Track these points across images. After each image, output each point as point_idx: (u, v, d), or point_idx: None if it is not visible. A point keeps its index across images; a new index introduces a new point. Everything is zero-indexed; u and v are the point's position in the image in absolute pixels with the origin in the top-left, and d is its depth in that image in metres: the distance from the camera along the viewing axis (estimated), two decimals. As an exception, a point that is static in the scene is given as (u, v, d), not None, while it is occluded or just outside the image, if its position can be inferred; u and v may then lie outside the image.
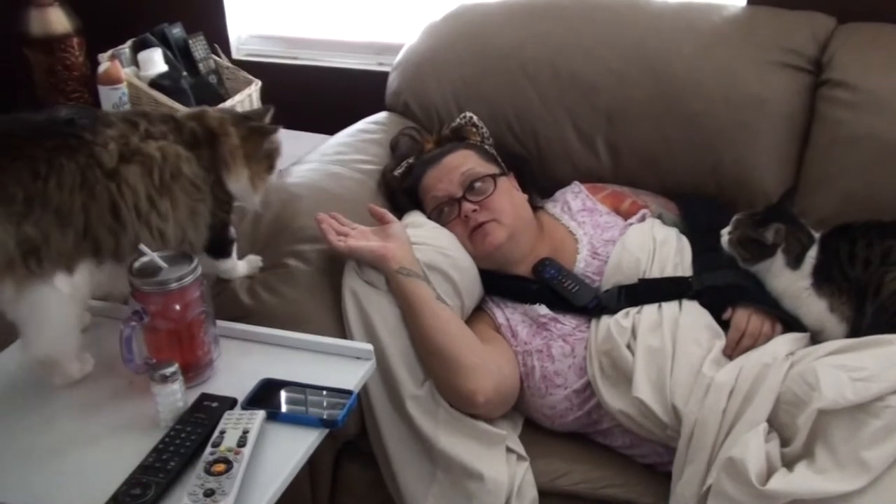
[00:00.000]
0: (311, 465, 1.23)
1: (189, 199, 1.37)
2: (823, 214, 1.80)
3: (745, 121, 1.90)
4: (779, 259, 1.63)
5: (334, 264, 1.65)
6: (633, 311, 1.63)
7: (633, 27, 2.04)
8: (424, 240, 1.71)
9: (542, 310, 1.69)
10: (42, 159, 1.22)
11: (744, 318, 1.58)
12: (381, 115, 2.22)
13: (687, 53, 1.96)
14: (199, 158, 1.39)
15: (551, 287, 1.71)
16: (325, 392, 1.29)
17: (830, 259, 1.60)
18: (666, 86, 1.95)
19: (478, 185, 1.79)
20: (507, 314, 1.73)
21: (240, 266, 1.62)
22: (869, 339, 1.45)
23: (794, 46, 1.94)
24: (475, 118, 2.01)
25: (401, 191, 1.91)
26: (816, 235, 1.65)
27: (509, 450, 1.57)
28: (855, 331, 1.56)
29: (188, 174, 1.37)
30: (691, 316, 1.61)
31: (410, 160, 1.94)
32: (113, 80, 2.09)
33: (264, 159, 1.49)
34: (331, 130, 2.16)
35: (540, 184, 2.01)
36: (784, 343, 1.53)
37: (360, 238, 1.63)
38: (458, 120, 2.02)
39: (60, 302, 1.26)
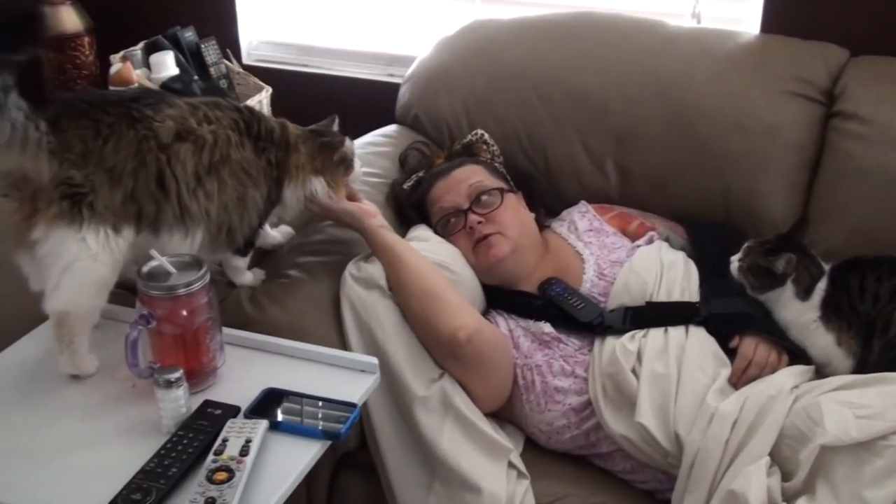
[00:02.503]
0: (309, 477, 1.22)
1: (237, 184, 1.44)
2: (831, 245, 1.79)
3: (756, 148, 1.90)
4: (788, 289, 1.62)
5: (336, 277, 1.65)
6: (638, 334, 1.62)
7: (646, 50, 2.04)
8: (428, 253, 1.70)
9: (546, 327, 1.68)
10: (106, 123, 1.31)
11: (751, 347, 1.57)
12: (391, 128, 2.22)
13: (700, 79, 1.96)
14: (263, 151, 1.49)
15: (556, 304, 1.70)
16: (328, 404, 1.28)
17: (840, 292, 1.60)
18: (678, 110, 1.95)
19: (485, 197, 1.79)
20: (511, 325, 1.72)
21: (248, 274, 1.62)
22: (875, 375, 1.44)
23: (806, 76, 1.94)
24: (486, 136, 2.01)
25: (409, 204, 1.90)
26: (826, 267, 1.64)
27: (511, 465, 1.56)
28: (861, 366, 1.55)
29: (237, 159, 1.44)
30: (698, 343, 1.60)
31: (420, 174, 1.94)
32: (124, 82, 2.09)
33: (339, 165, 1.62)
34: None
35: (547, 202, 2.01)
36: (789, 375, 1.52)
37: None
38: (469, 136, 2.02)
39: (84, 255, 1.29)
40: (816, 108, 1.93)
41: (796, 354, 1.59)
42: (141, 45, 2.26)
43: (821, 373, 1.57)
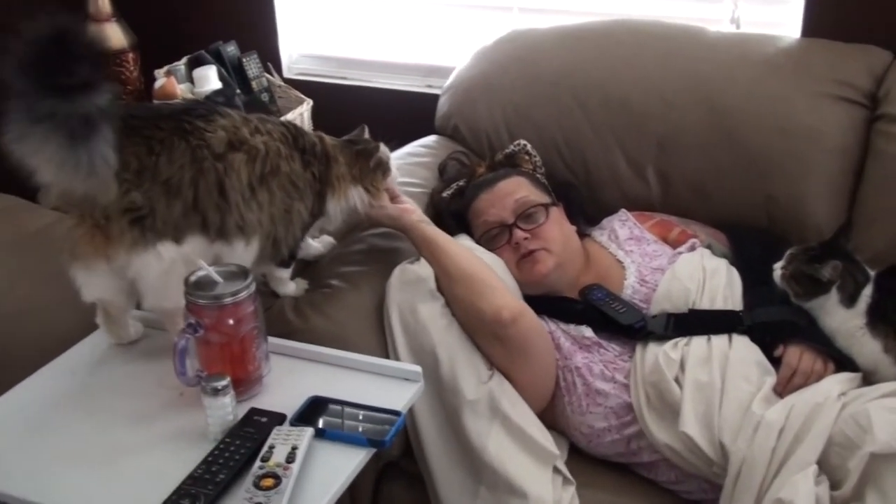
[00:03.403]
0: (352, 486, 1.23)
1: (285, 196, 1.46)
2: (876, 251, 1.78)
3: (799, 153, 1.89)
4: (833, 296, 1.60)
5: (378, 286, 1.66)
6: (681, 342, 1.61)
7: (686, 56, 2.04)
8: None
9: (587, 332, 1.68)
10: (157, 139, 1.33)
11: (796, 355, 1.56)
12: (430, 139, 2.23)
13: (740, 84, 1.95)
14: (308, 165, 1.51)
15: (598, 309, 1.70)
16: (372, 411, 1.29)
17: (886, 298, 1.57)
18: (719, 115, 1.94)
19: (530, 213, 1.79)
20: (552, 327, 1.72)
21: (290, 285, 1.64)
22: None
23: (849, 80, 1.92)
24: (529, 146, 2.01)
25: (448, 213, 1.91)
26: (872, 273, 1.62)
27: (556, 471, 1.56)
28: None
29: (287, 171, 1.46)
30: (741, 351, 1.59)
31: (460, 183, 1.94)
32: (168, 96, 2.12)
33: (377, 170, 1.65)
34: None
35: (587, 211, 2.00)
36: (836, 383, 1.50)
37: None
38: (511, 147, 2.02)
39: (162, 265, 1.32)
40: (860, 112, 1.91)
41: (842, 362, 1.57)
42: (184, 59, 2.29)
43: (868, 380, 1.54)
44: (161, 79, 2.18)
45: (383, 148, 1.68)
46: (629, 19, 2.20)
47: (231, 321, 1.27)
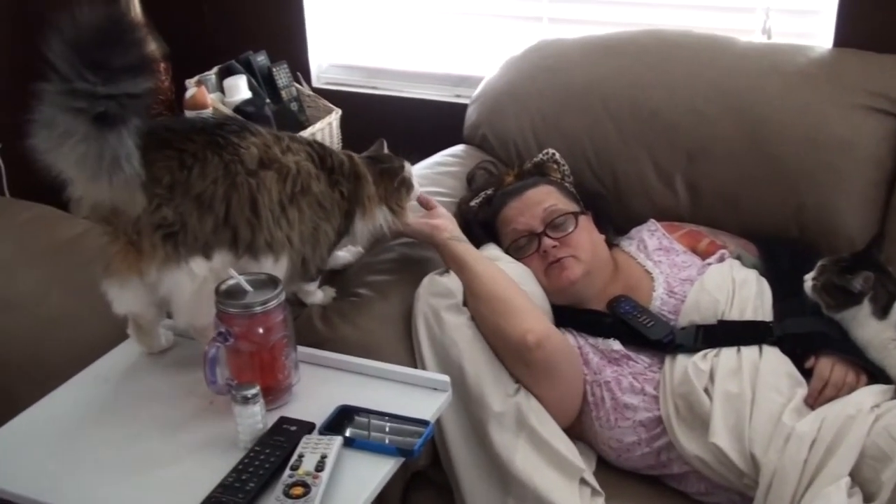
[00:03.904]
0: (380, 495, 1.23)
1: (314, 216, 1.46)
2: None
3: (830, 164, 1.87)
4: (865, 308, 1.58)
5: (406, 295, 1.66)
6: (710, 353, 1.60)
7: (716, 66, 2.03)
8: None
9: (616, 345, 1.67)
10: (190, 152, 1.32)
11: (827, 367, 1.54)
12: (459, 148, 2.23)
13: (772, 94, 1.94)
14: (336, 184, 1.51)
15: (626, 322, 1.69)
16: (401, 421, 1.29)
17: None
18: (749, 126, 1.93)
19: (559, 221, 1.79)
20: (580, 342, 1.71)
21: (318, 294, 1.64)
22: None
23: (881, 90, 1.90)
24: (557, 155, 2.01)
25: (476, 222, 1.91)
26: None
27: (584, 483, 1.55)
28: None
29: (316, 192, 1.46)
30: (772, 362, 1.57)
31: (488, 192, 1.94)
32: (199, 105, 2.15)
33: (400, 188, 1.65)
34: (407, 160, 2.18)
35: (616, 221, 2.00)
36: (869, 394, 1.49)
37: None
38: (540, 156, 2.02)
39: (195, 283, 1.33)
40: (892, 122, 1.89)
41: (875, 374, 1.55)
42: (215, 69, 2.32)
43: (903, 393, 1.53)
44: (192, 88, 2.21)
45: (408, 166, 1.68)
46: (659, 29, 2.19)
47: (261, 330, 1.28)
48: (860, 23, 2.05)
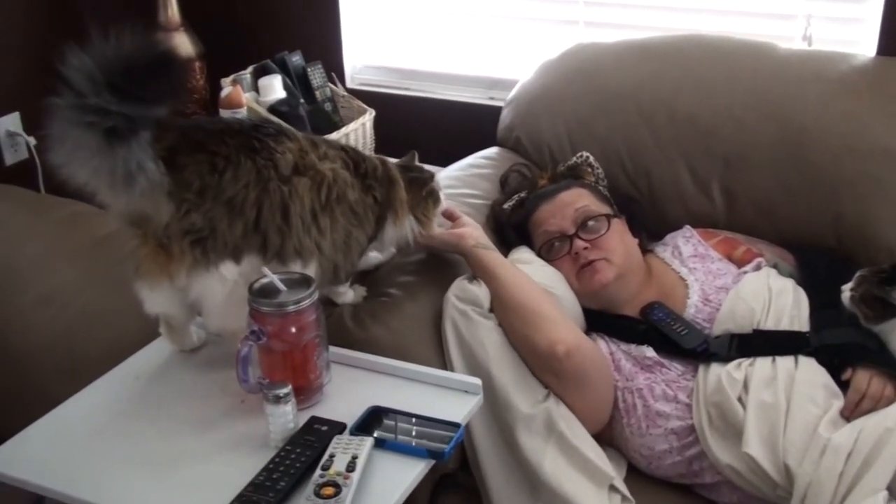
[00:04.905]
0: (409, 497, 1.22)
1: (347, 223, 1.44)
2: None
3: (871, 173, 1.84)
4: (906, 320, 1.56)
5: (437, 297, 1.66)
6: (745, 362, 1.58)
7: (755, 73, 2.01)
8: (530, 275, 1.69)
9: (649, 352, 1.65)
10: (222, 155, 1.31)
11: (865, 379, 1.52)
12: (492, 151, 2.22)
13: (812, 102, 1.92)
14: (369, 189, 1.48)
15: (659, 329, 1.68)
16: (432, 423, 1.28)
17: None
18: (788, 133, 1.91)
19: (591, 223, 1.78)
20: (612, 348, 1.70)
21: (349, 293, 1.64)
22: None
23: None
24: (591, 158, 2.00)
25: (509, 224, 1.90)
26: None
27: (614, 489, 1.54)
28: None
29: (351, 200, 1.44)
30: (808, 373, 1.55)
31: (521, 194, 1.94)
32: (234, 105, 2.15)
33: (428, 199, 1.63)
34: (440, 162, 2.17)
35: (650, 226, 1.98)
36: (913, 408, 1.46)
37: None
38: (574, 159, 2.01)
39: (226, 287, 1.33)
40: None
41: (916, 388, 1.53)
42: (250, 69, 2.33)
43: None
44: (227, 87, 2.22)
45: (437, 178, 1.67)
46: (697, 34, 2.17)
47: (294, 329, 1.28)
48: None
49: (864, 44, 2.11)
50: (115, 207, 1.32)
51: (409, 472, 1.21)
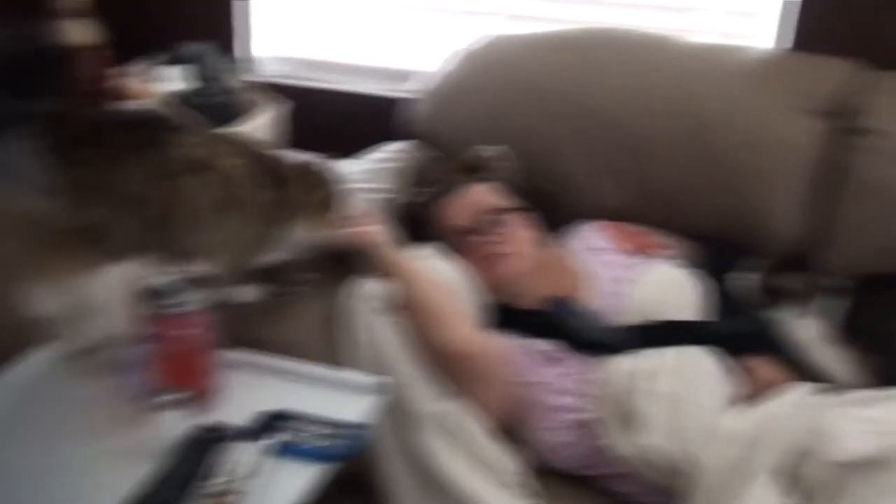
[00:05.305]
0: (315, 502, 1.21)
1: (246, 222, 1.41)
2: (849, 264, 1.77)
3: (767, 166, 1.87)
4: (798, 308, 1.60)
5: (339, 296, 1.62)
6: (647, 353, 1.60)
7: (661, 66, 2.01)
8: (435, 272, 1.69)
9: (552, 345, 1.66)
10: (121, 150, 1.27)
11: (759, 366, 1.57)
12: (403, 144, 2.20)
13: (714, 95, 1.93)
14: (271, 187, 1.45)
15: (563, 322, 1.68)
16: (332, 425, 1.27)
17: (855, 310, 1.57)
18: (692, 126, 1.92)
19: (497, 217, 1.78)
20: (515, 342, 1.70)
21: (247, 293, 1.59)
22: (891, 392, 1.43)
23: (822, 92, 1.90)
24: (502, 152, 1.99)
25: (418, 219, 1.89)
26: (842, 285, 1.61)
27: (520, 486, 1.54)
28: (878, 382, 1.53)
29: (251, 198, 1.41)
30: (707, 362, 1.58)
31: (433, 189, 1.92)
32: (136, 95, 2.10)
33: (332, 196, 1.59)
34: (351, 155, 2.15)
35: (559, 219, 1.98)
36: (802, 393, 1.51)
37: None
38: (486, 152, 2.00)
39: (116, 287, 1.29)
40: (835, 125, 1.89)
41: (808, 373, 1.57)
42: (156, 59, 2.27)
43: (835, 390, 1.54)
44: (132, 77, 2.16)
45: (344, 172, 1.64)
46: (606, 28, 2.17)
47: (181, 331, 1.25)
48: (806, 25, 2.05)
49: (765, 37, 2.13)
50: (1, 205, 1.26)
51: (309, 477, 1.19)
